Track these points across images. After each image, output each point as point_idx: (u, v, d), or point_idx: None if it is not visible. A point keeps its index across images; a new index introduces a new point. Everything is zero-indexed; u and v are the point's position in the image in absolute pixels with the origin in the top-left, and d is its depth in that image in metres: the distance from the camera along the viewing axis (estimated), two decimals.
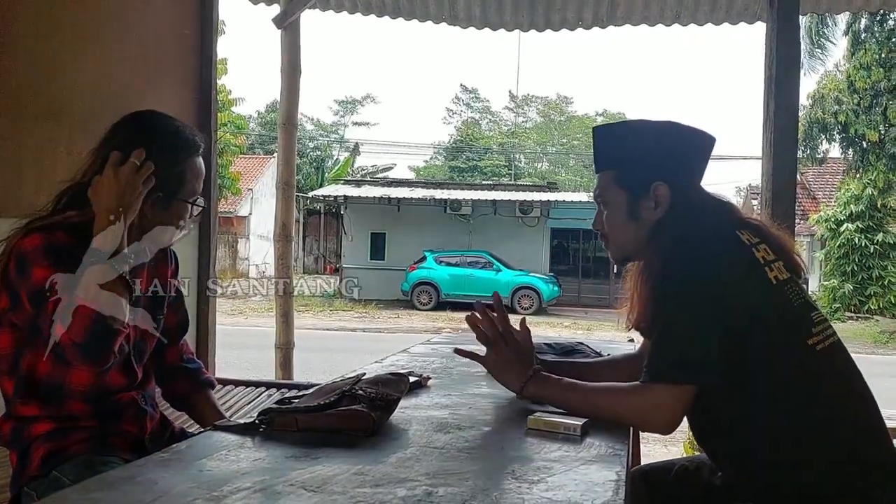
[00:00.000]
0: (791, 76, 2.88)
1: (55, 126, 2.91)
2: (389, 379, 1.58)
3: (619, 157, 1.68)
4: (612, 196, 1.68)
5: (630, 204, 1.66)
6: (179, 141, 1.76)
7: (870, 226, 17.60)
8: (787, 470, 1.49)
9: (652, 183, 1.62)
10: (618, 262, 1.78)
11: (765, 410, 1.50)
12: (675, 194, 1.62)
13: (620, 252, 1.74)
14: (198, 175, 1.79)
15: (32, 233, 1.61)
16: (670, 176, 1.63)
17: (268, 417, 1.41)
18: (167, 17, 3.58)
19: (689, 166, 1.67)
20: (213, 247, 3.50)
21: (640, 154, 1.65)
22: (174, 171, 1.72)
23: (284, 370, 4.44)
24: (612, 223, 1.70)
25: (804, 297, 1.56)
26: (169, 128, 1.77)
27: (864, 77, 16.32)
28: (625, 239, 1.70)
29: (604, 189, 1.70)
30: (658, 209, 1.63)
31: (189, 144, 1.77)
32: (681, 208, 1.61)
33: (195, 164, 1.78)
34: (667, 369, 1.48)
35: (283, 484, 1.10)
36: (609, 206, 1.70)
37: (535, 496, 1.09)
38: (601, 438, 1.42)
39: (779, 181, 2.85)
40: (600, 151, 1.72)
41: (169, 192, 1.72)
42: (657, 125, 1.69)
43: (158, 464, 1.20)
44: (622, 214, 1.67)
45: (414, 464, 1.23)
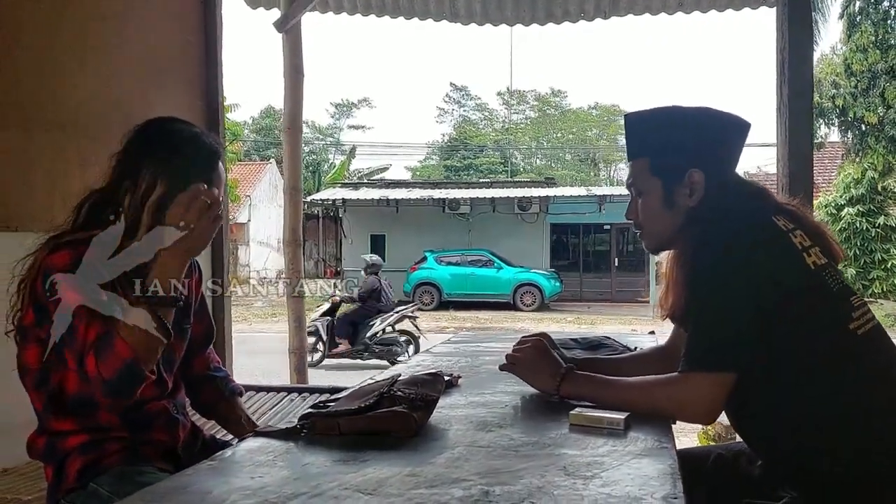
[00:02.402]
0: (804, 60, 2.87)
1: (64, 136, 2.89)
2: (426, 379, 1.56)
3: (653, 144, 1.66)
4: (647, 184, 1.67)
5: (665, 192, 1.64)
6: (203, 150, 1.73)
7: (871, 209, 17.56)
8: (830, 459, 1.48)
9: (687, 170, 1.60)
10: (652, 251, 1.75)
11: (806, 397, 1.48)
12: (709, 181, 1.60)
13: (655, 241, 1.72)
14: (220, 181, 1.76)
15: (60, 248, 1.59)
16: (705, 163, 1.61)
17: (309, 422, 1.39)
18: (171, 23, 3.57)
19: (723, 152, 1.65)
20: (225, 252, 3.49)
21: (674, 141, 1.63)
22: (199, 180, 1.67)
23: (299, 374, 4.42)
24: (647, 212, 1.68)
25: (843, 281, 1.55)
26: (192, 136, 1.74)
27: (861, 59, 16.29)
28: (660, 227, 1.67)
29: (637, 177, 1.68)
30: (693, 196, 1.61)
31: (212, 152, 1.75)
32: (716, 195, 1.59)
33: (219, 171, 1.76)
34: (705, 357, 1.47)
35: (337, 488, 1.08)
36: (643, 195, 1.68)
37: (593, 492, 1.08)
38: (645, 432, 1.40)
39: (795, 167, 2.83)
40: (633, 139, 1.70)
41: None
42: (691, 111, 1.67)
43: (207, 472, 1.18)
44: (657, 203, 1.65)
45: (464, 463, 1.21)
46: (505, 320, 16.85)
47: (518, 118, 47.38)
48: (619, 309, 19.22)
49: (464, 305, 19.45)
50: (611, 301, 21.30)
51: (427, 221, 21.64)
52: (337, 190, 24.16)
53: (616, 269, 22.45)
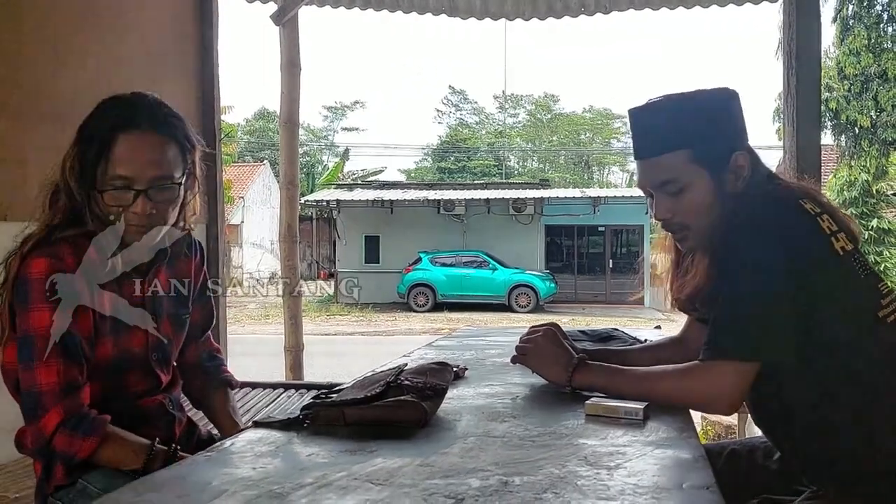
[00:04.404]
0: (811, 51, 2.81)
1: (59, 127, 2.79)
2: (435, 368, 1.50)
3: (688, 132, 1.52)
4: (691, 177, 1.51)
5: (714, 182, 1.51)
6: (119, 103, 1.59)
7: (864, 212, 17.57)
8: (856, 452, 1.41)
9: (731, 155, 1.51)
10: (696, 251, 1.59)
11: (832, 388, 1.42)
12: (752, 162, 1.52)
13: (702, 239, 1.55)
14: (133, 152, 1.53)
15: (35, 256, 1.49)
16: (745, 143, 1.53)
17: (312, 412, 1.32)
18: (167, 15, 3.52)
19: (745, 128, 1.58)
20: (221, 251, 3.42)
21: (710, 125, 1.52)
22: (96, 152, 1.54)
23: (295, 373, 4.35)
24: (695, 207, 1.53)
25: (870, 268, 1.48)
26: (115, 96, 1.61)
27: (854, 63, 16.31)
28: (709, 221, 1.52)
29: (678, 172, 1.52)
30: (739, 181, 1.51)
31: (129, 104, 1.58)
32: (758, 177, 1.51)
33: (130, 140, 1.54)
34: (731, 345, 1.39)
35: (346, 478, 1.01)
36: (689, 190, 1.53)
37: (619, 482, 1.01)
38: (664, 422, 1.34)
39: (803, 159, 2.78)
40: (656, 133, 1.55)
41: (90, 176, 1.54)
42: (704, 94, 1.57)
43: (205, 463, 1.11)
44: (707, 195, 1.51)
45: (479, 453, 1.14)
46: (500, 321, 16.80)
47: (512, 121, 47.43)
48: (613, 310, 19.19)
49: (458, 307, 19.40)
50: (605, 302, 21.26)
51: (421, 223, 21.56)
52: (331, 191, 24.05)
53: (610, 270, 22.41)
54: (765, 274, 1.38)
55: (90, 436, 1.46)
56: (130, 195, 1.54)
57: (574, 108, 49.82)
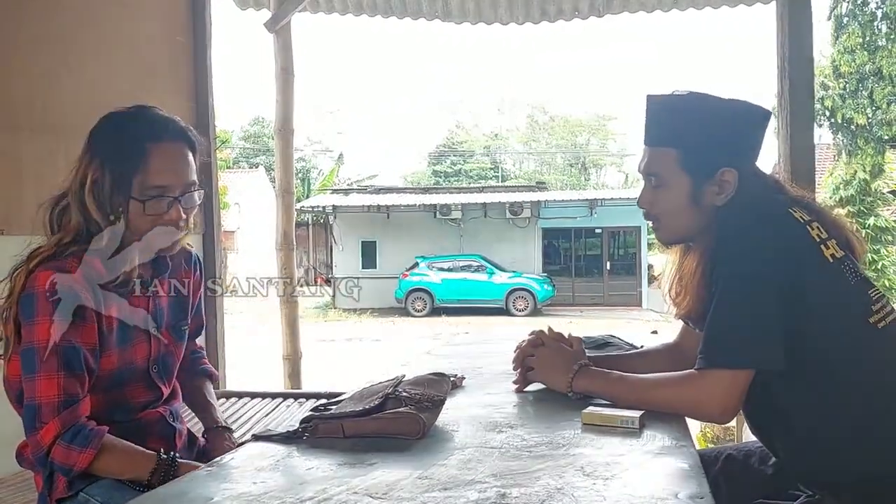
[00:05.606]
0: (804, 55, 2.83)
1: (53, 138, 2.83)
2: (432, 379, 1.50)
3: (684, 136, 1.54)
4: (672, 178, 1.55)
5: (693, 189, 1.53)
6: (145, 122, 1.61)
7: (861, 210, 17.58)
8: (850, 456, 1.43)
9: (719, 168, 1.51)
10: (666, 244, 1.66)
11: (825, 394, 1.43)
12: (741, 179, 1.52)
13: (672, 235, 1.63)
14: (167, 162, 1.58)
15: (42, 269, 1.50)
16: (738, 160, 1.53)
17: (311, 425, 1.33)
18: (160, 24, 3.53)
19: (754, 147, 1.58)
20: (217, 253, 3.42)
21: (707, 135, 1.53)
22: (132, 165, 1.55)
23: (293, 381, 4.35)
24: (669, 207, 1.58)
25: (861, 274, 1.50)
26: (135, 112, 1.63)
27: (849, 61, 16.35)
28: (680, 224, 1.58)
29: (662, 169, 1.56)
30: (722, 195, 1.53)
31: (155, 122, 1.61)
32: (744, 193, 1.52)
33: (163, 151, 1.58)
34: (724, 354, 1.41)
35: (345, 492, 1.02)
36: (666, 188, 1.57)
37: (615, 493, 1.02)
38: (661, 430, 1.35)
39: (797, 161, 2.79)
40: (657, 125, 1.58)
41: (126, 189, 1.56)
42: (725, 103, 1.56)
43: (206, 479, 1.12)
44: (682, 199, 1.55)
45: (476, 465, 1.15)
46: (498, 325, 16.80)
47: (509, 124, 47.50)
48: (611, 312, 19.20)
49: (456, 311, 19.38)
50: (603, 305, 21.26)
51: (418, 227, 21.56)
52: (327, 196, 24.04)
53: (608, 272, 22.41)
54: (755, 284, 1.40)
55: (87, 448, 1.47)
56: (165, 203, 1.58)
57: (570, 110, 49.75)
